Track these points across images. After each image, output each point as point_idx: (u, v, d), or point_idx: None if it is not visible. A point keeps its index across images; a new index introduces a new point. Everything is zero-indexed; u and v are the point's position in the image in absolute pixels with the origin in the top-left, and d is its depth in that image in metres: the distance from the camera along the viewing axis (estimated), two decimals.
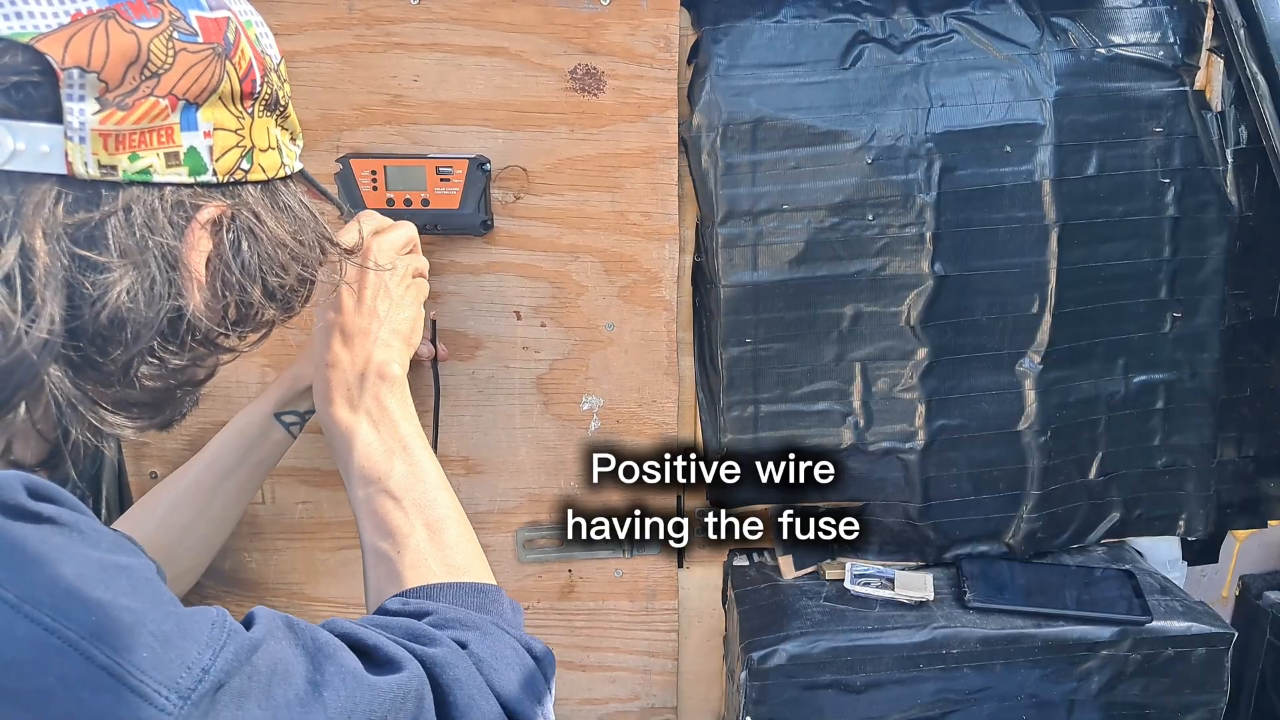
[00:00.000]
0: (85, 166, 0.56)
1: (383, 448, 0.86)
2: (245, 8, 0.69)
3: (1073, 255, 1.19)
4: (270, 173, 0.69)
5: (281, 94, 0.72)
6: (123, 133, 0.57)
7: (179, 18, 0.60)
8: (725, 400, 1.22)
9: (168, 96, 0.59)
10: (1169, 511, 1.32)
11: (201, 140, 0.62)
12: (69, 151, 0.55)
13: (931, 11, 1.17)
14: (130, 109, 0.57)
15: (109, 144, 0.57)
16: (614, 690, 1.34)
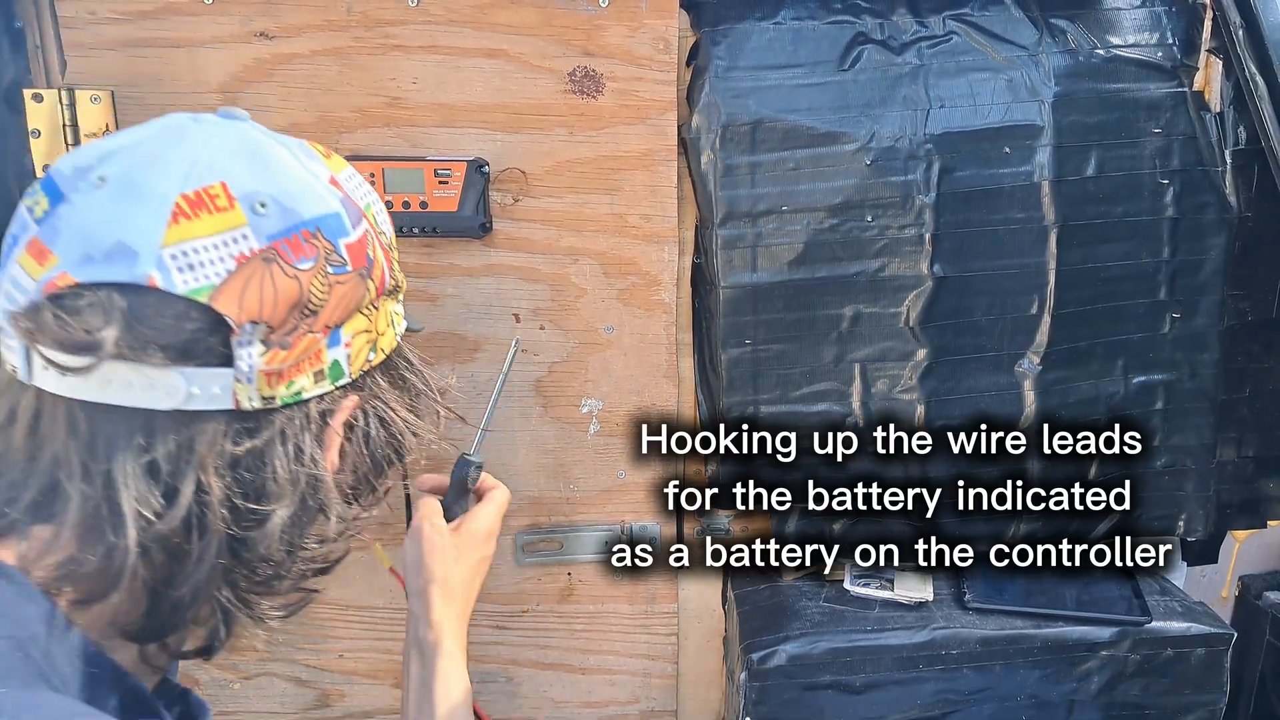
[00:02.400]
0: (250, 401, 0.60)
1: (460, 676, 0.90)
2: (365, 189, 0.69)
3: (1072, 256, 1.19)
4: (389, 350, 0.70)
5: (399, 274, 0.72)
6: (283, 369, 0.61)
7: (331, 250, 0.62)
8: (725, 401, 1.22)
9: (321, 329, 0.63)
10: (1168, 512, 1.32)
11: (342, 352, 0.65)
12: (237, 390, 0.59)
13: (930, 13, 1.17)
14: (291, 347, 0.61)
15: (271, 380, 0.60)
16: (613, 693, 1.34)
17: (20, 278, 0.57)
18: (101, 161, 0.59)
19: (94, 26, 1.09)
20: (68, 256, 0.56)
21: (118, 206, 0.57)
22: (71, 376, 0.56)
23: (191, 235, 0.57)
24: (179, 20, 1.09)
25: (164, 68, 1.10)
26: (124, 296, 0.56)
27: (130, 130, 0.62)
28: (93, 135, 1.10)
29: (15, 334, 0.57)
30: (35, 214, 0.58)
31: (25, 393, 0.58)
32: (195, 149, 0.60)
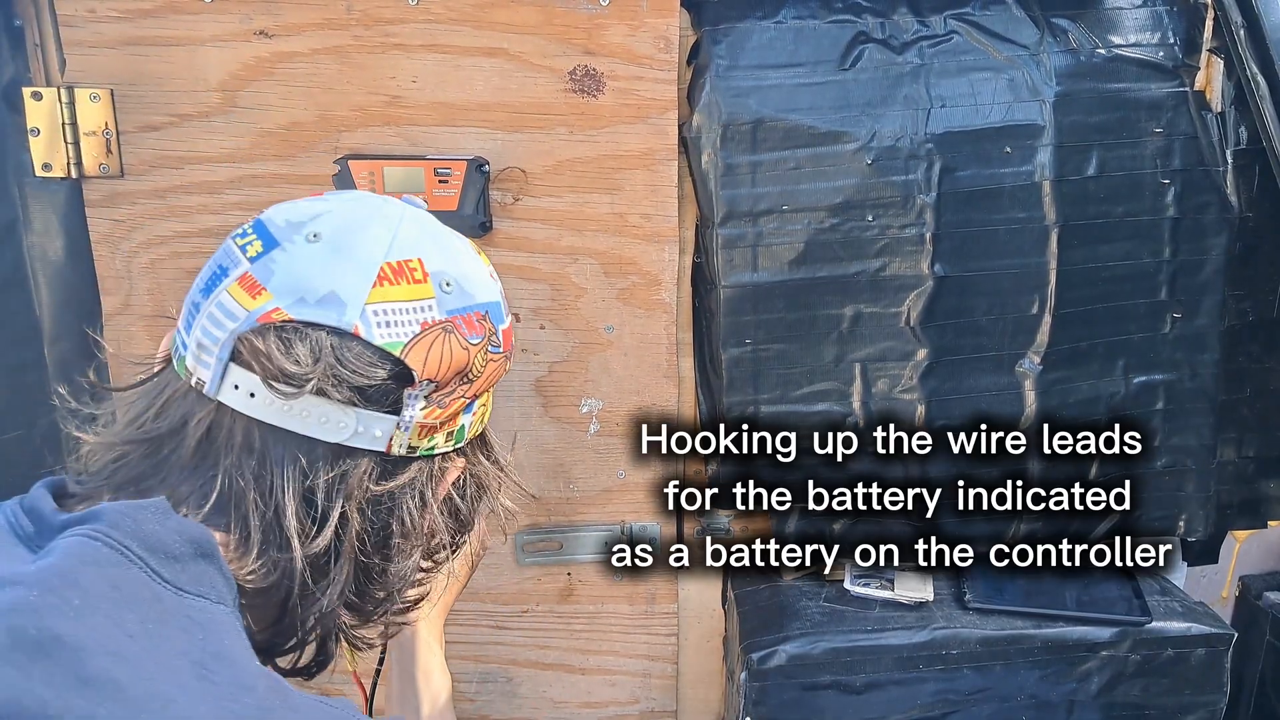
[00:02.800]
0: (399, 447, 0.67)
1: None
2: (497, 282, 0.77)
3: (1073, 256, 1.19)
4: (485, 424, 0.78)
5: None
6: (434, 425, 0.68)
7: (492, 333, 0.71)
8: (725, 401, 1.21)
9: (470, 396, 0.71)
10: (1169, 512, 1.32)
11: (469, 419, 0.73)
12: (394, 436, 0.66)
13: (931, 12, 1.17)
14: (446, 407, 0.69)
15: (420, 432, 0.68)
16: (613, 694, 1.34)
17: (230, 305, 0.63)
18: (313, 220, 0.65)
19: (93, 25, 1.09)
20: (282, 295, 0.63)
21: (332, 261, 0.64)
22: (266, 400, 0.63)
23: (390, 298, 0.64)
24: (179, 19, 1.09)
25: (164, 66, 1.10)
26: (331, 338, 0.63)
27: (330, 196, 0.69)
28: (92, 133, 1.10)
29: (221, 351, 0.63)
30: (248, 253, 0.65)
31: (204, 405, 0.64)
32: (395, 226, 0.67)
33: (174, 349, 0.67)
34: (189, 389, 0.64)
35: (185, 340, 0.65)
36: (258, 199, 1.14)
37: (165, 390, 0.66)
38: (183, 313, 0.67)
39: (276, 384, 0.62)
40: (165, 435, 0.64)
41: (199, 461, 0.64)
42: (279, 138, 1.12)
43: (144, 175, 1.13)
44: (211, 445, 0.64)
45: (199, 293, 0.66)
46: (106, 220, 1.14)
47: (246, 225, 0.67)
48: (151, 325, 1.17)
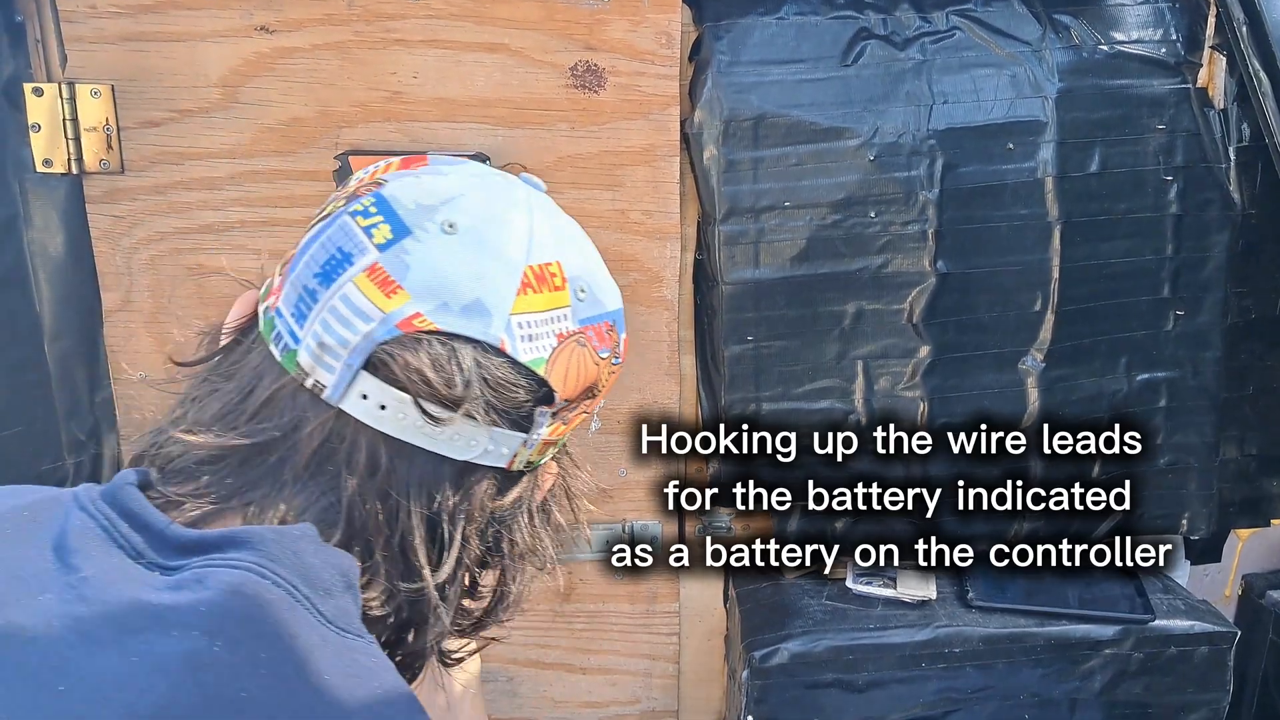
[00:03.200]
0: (519, 464, 0.61)
1: None
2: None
3: (1075, 253, 1.19)
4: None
5: None
6: (553, 440, 0.63)
7: (617, 344, 0.65)
8: (727, 398, 1.21)
9: (591, 410, 0.66)
10: (1172, 510, 1.31)
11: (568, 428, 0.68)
12: (518, 453, 0.60)
13: (934, 8, 1.17)
14: (569, 423, 0.64)
15: (542, 448, 0.63)
16: (614, 693, 1.33)
17: (361, 303, 0.56)
18: (445, 204, 0.58)
19: (94, 21, 1.09)
20: (422, 298, 0.56)
21: (476, 262, 0.57)
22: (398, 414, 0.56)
23: (532, 308, 0.58)
24: (179, 14, 1.09)
25: (164, 62, 1.10)
26: (476, 353, 0.57)
27: (447, 168, 0.62)
28: (93, 129, 1.10)
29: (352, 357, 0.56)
30: (375, 238, 0.57)
31: (320, 411, 0.56)
32: (531, 219, 0.61)
33: (270, 332, 0.59)
34: (299, 388, 0.57)
35: (295, 331, 0.57)
36: (258, 195, 1.14)
37: (263, 382, 0.58)
38: (284, 292, 0.58)
39: (428, 405, 0.56)
40: (273, 442, 0.57)
41: (313, 475, 0.57)
42: (280, 133, 1.12)
43: (144, 171, 1.13)
44: (329, 458, 0.57)
45: (313, 278, 0.57)
46: (107, 216, 1.14)
47: (366, 201, 0.59)
48: (152, 322, 1.17)
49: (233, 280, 1.15)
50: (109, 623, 0.47)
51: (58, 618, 0.47)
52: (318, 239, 0.58)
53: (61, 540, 0.51)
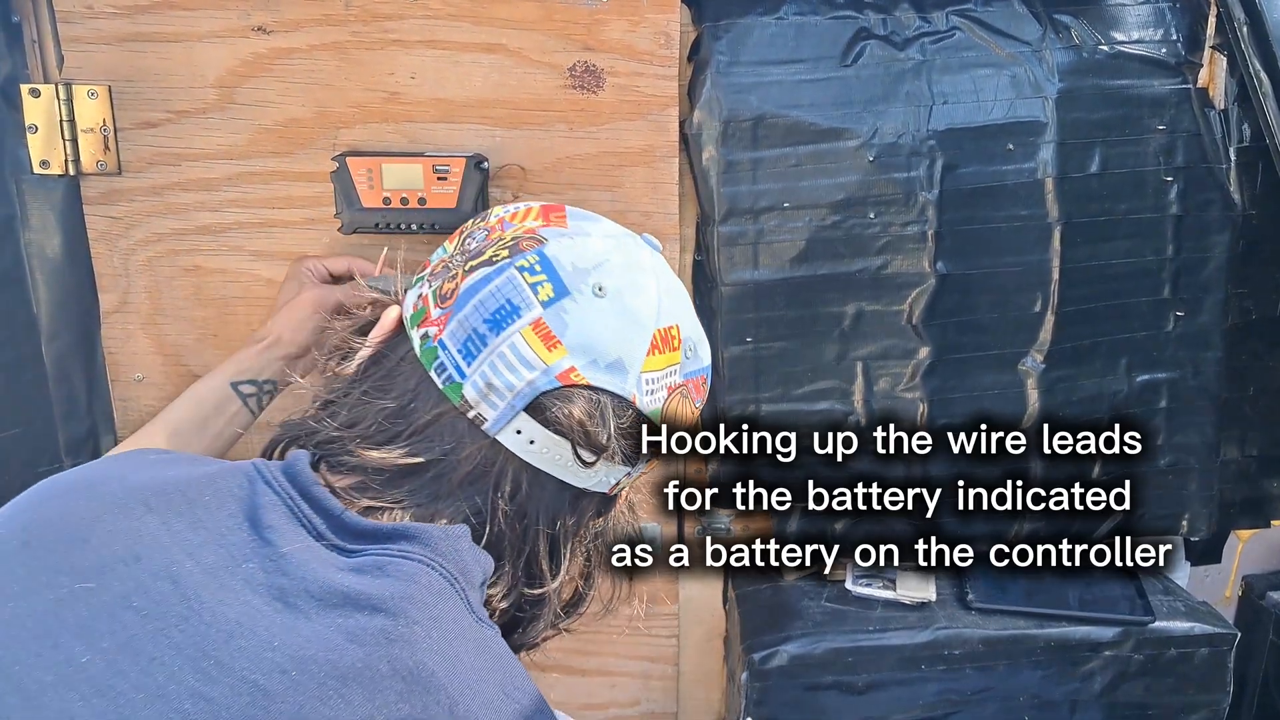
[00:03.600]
0: (618, 489, 0.73)
1: None
2: None
3: (1075, 253, 1.19)
4: None
5: None
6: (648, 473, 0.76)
7: (707, 394, 0.77)
8: (726, 399, 1.21)
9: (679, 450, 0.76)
10: (1172, 511, 1.31)
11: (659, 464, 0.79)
12: (621, 482, 0.72)
13: (933, 8, 1.16)
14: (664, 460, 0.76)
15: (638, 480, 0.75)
16: (613, 695, 1.33)
17: (526, 353, 0.65)
18: (596, 269, 0.68)
19: (91, 21, 1.08)
20: (576, 354, 0.66)
21: (619, 326, 0.68)
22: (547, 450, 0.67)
23: (655, 366, 0.69)
24: (176, 15, 1.08)
25: (161, 63, 1.10)
26: (615, 405, 0.68)
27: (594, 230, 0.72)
28: (89, 130, 1.10)
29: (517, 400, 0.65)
30: (539, 295, 0.66)
31: (478, 438, 0.66)
32: (661, 284, 0.71)
33: (432, 361, 0.67)
34: (460, 416, 0.66)
35: (461, 367, 0.66)
36: (255, 196, 1.13)
37: (422, 403, 0.66)
38: (450, 328, 0.66)
39: (582, 450, 0.67)
40: (435, 461, 0.66)
41: (465, 491, 0.66)
42: (277, 134, 1.12)
43: (142, 172, 1.13)
44: (480, 479, 0.66)
45: (483, 323, 0.66)
46: (104, 217, 1.14)
47: (531, 259, 0.67)
48: (149, 323, 1.17)
49: (229, 282, 1.16)
50: (309, 597, 0.56)
51: (263, 586, 0.56)
52: (485, 286, 0.67)
53: (254, 514, 0.59)
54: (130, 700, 0.50)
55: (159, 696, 0.50)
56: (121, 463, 0.64)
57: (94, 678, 0.50)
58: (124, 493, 0.59)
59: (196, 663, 0.52)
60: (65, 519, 0.57)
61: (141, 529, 0.56)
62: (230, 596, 0.55)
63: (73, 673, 0.51)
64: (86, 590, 0.53)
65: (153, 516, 0.57)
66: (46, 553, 0.55)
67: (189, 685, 0.51)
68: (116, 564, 0.54)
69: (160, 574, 0.54)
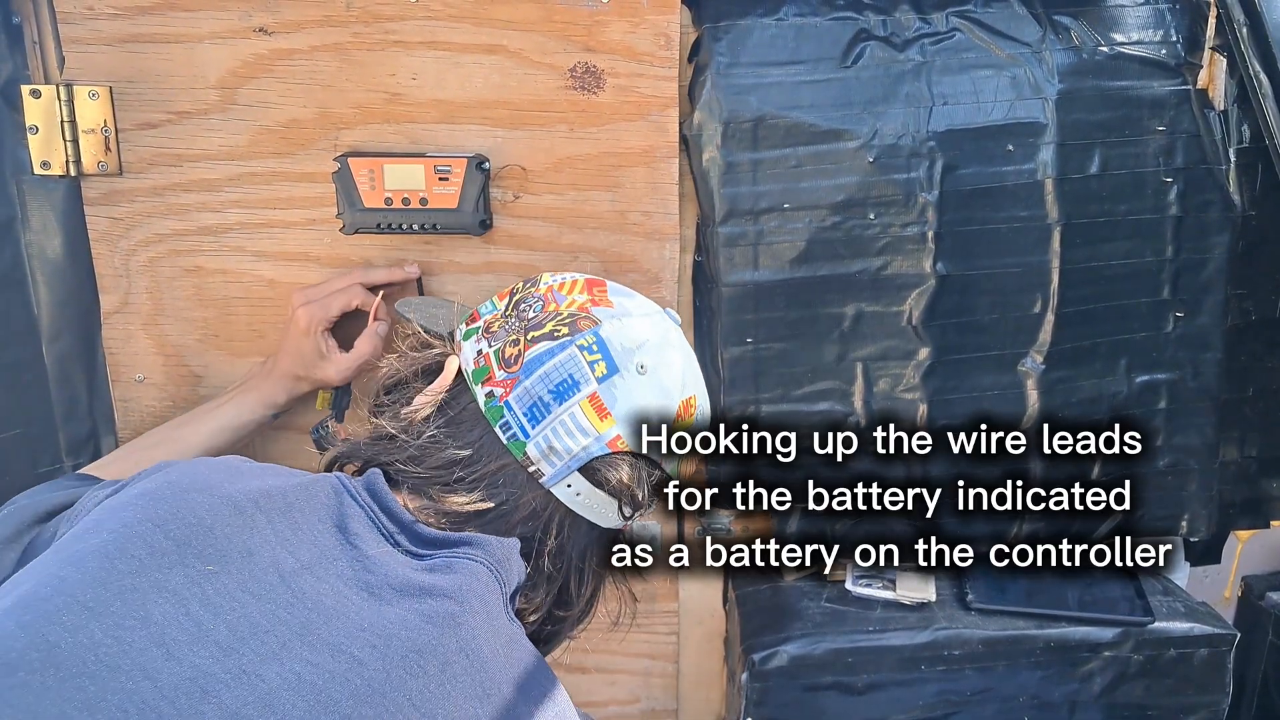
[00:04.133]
0: (622, 523, 0.84)
1: None
2: None
3: (1075, 254, 1.19)
4: None
5: None
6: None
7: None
8: (726, 400, 1.21)
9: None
10: (1171, 512, 1.31)
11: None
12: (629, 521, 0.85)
13: (933, 9, 1.16)
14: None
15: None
16: (613, 693, 1.33)
17: (583, 422, 0.78)
18: (639, 350, 0.81)
19: (92, 22, 1.08)
20: (623, 424, 0.79)
21: (655, 398, 0.81)
22: (592, 501, 0.80)
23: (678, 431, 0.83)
24: (177, 16, 1.08)
25: (162, 63, 1.10)
26: (648, 469, 0.83)
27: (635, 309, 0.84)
28: (90, 131, 1.10)
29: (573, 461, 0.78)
30: (595, 372, 0.79)
31: (535, 489, 0.78)
32: (684, 360, 0.85)
33: (498, 419, 0.78)
34: (522, 470, 0.78)
35: (526, 429, 0.77)
36: (256, 196, 1.13)
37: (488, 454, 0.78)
38: (517, 393, 0.78)
39: (625, 507, 0.82)
40: (500, 505, 0.77)
41: (519, 530, 0.78)
42: (278, 135, 1.12)
43: (143, 173, 1.13)
44: (533, 521, 0.79)
45: (550, 394, 0.78)
46: (105, 218, 1.14)
47: (589, 339, 0.79)
48: (150, 324, 1.17)
49: (230, 282, 1.16)
50: (390, 588, 0.67)
51: (351, 581, 0.67)
52: (550, 359, 0.78)
53: (342, 521, 0.70)
54: (251, 660, 0.60)
55: (275, 658, 0.60)
56: (224, 469, 0.73)
57: (220, 641, 0.60)
58: (239, 495, 0.68)
59: (303, 636, 0.62)
60: (193, 512, 0.66)
61: (253, 527, 0.67)
62: (325, 587, 0.65)
63: (202, 635, 0.60)
64: (211, 573, 0.63)
65: (261, 516, 0.67)
66: (180, 540, 0.64)
67: (298, 652, 0.61)
68: (234, 554, 0.65)
69: (269, 567, 0.65)
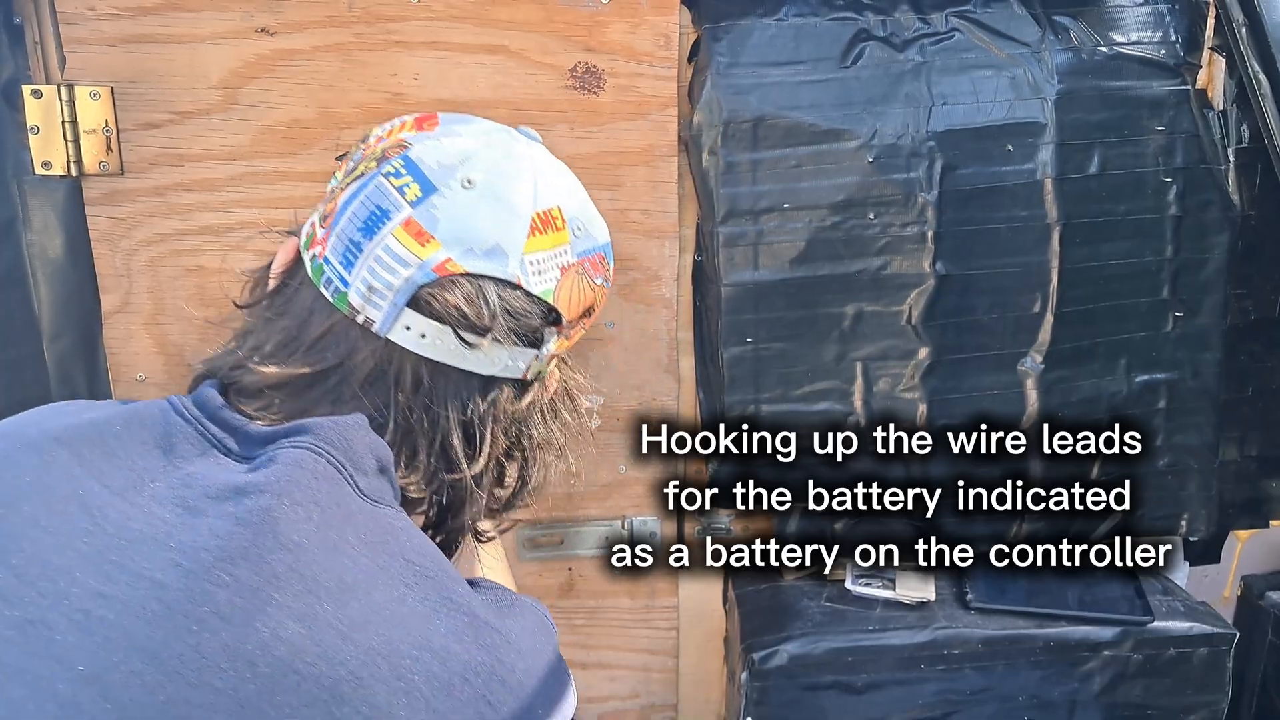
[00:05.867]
0: (531, 373, 0.74)
1: None
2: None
3: (1074, 254, 1.19)
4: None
5: None
6: (560, 354, 0.77)
7: (608, 272, 0.78)
8: (726, 400, 1.21)
9: (589, 327, 0.79)
10: (1171, 511, 1.31)
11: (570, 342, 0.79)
12: (531, 365, 0.73)
13: (933, 10, 1.17)
14: (571, 338, 0.77)
15: (549, 361, 0.75)
16: (614, 688, 1.33)
17: (400, 252, 0.68)
18: (463, 164, 0.70)
19: (93, 22, 1.09)
20: (450, 246, 0.68)
21: (492, 213, 0.70)
22: (436, 341, 0.69)
23: (540, 247, 0.71)
24: (179, 16, 1.09)
25: (164, 64, 1.10)
26: (499, 289, 0.70)
27: (460, 128, 0.74)
28: (92, 131, 1.10)
29: (398, 297, 0.68)
30: (407, 196, 0.69)
31: (371, 341, 0.69)
32: (538, 170, 0.73)
33: (320, 277, 0.70)
34: (350, 323, 0.69)
35: (344, 276, 0.69)
36: (258, 196, 1.14)
37: (316, 318, 0.70)
38: (331, 243, 0.70)
39: (462, 334, 0.69)
40: (332, 368, 0.69)
41: (367, 393, 0.69)
42: (280, 135, 1.12)
43: (144, 173, 1.13)
44: (380, 378, 0.69)
45: (358, 231, 0.69)
46: (106, 218, 1.14)
47: (396, 163, 0.70)
48: (151, 323, 1.17)
49: (231, 282, 1.15)
50: (206, 498, 0.59)
51: (168, 499, 0.60)
52: (357, 197, 0.70)
53: (167, 441, 0.64)
54: (37, 605, 0.54)
55: (63, 598, 0.55)
56: (42, 412, 0.68)
57: (4, 591, 0.55)
58: (39, 434, 0.63)
59: (99, 567, 0.56)
60: None
61: (53, 462, 0.61)
62: (136, 511, 0.59)
63: None
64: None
65: (64, 450, 0.61)
66: None
67: (91, 587, 0.55)
68: (29, 492, 0.59)
69: (69, 498, 0.59)
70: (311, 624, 0.55)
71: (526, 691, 0.63)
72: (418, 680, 0.57)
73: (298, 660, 0.54)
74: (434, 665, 0.58)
